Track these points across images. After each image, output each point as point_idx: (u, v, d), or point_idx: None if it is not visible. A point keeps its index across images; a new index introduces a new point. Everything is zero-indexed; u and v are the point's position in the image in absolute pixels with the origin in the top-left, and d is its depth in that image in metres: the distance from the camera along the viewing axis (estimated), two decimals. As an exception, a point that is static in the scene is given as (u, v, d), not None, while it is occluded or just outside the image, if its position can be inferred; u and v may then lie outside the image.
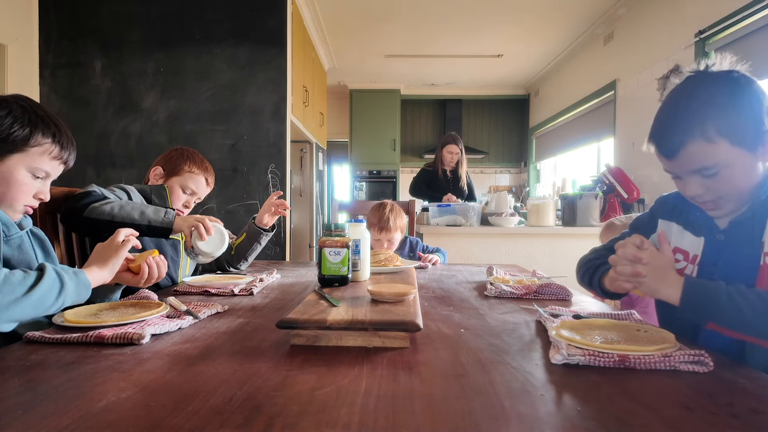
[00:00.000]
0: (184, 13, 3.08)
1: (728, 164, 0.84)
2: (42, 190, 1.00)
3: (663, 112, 0.91)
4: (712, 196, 0.88)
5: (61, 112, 3.05)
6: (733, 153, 0.84)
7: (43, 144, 0.96)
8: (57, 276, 0.86)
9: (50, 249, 1.10)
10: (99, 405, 0.56)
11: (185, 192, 1.60)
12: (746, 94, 0.85)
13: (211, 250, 1.36)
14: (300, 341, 0.81)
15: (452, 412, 0.55)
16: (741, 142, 0.83)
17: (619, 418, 0.54)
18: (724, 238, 0.91)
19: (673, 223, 1.01)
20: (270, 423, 0.52)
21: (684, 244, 0.98)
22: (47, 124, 0.97)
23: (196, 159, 1.63)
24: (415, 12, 4.16)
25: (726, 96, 0.85)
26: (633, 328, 0.84)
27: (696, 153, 0.85)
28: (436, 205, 3.31)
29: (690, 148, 0.85)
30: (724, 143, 0.83)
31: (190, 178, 1.60)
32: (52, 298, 0.84)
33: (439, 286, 1.46)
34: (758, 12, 2.58)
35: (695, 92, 0.88)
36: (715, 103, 0.84)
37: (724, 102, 0.84)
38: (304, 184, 4.55)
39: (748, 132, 0.83)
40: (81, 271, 0.93)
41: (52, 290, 0.84)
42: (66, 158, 1.01)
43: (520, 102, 6.80)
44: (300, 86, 3.70)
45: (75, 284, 0.89)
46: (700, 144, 0.84)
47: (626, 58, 3.98)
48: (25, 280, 0.81)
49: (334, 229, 1.24)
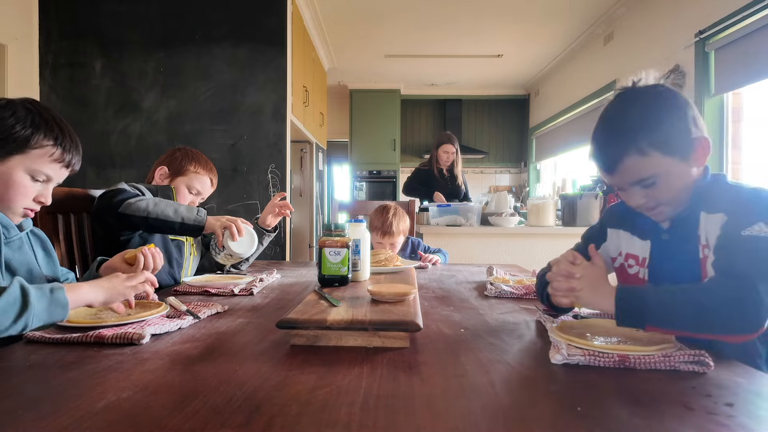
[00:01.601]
0: (184, 13, 3.08)
1: (663, 173, 0.90)
2: (43, 193, 0.98)
3: (598, 131, 0.96)
4: (653, 204, 0.94)
5: (61, 112, 3.02)
6: (667, 163, 0.89)
7: (44, 146, 0.94)
8: (21, 295, 0.77)
9: (51, 249, 1.10)
10: (99, 405, 0.56)
11: (191, 192, 1.61)
12: (672, 107, 0.91)
13: (242, 251, 1.38)
14: (300, 341, 0.81)
15: (452, 412, 0.55)
16: (672, 152, 0.89)
17: (619, 418, 0.54)
18: (668, 238, 0.96)
19: (622, 231, 1.06)
20: (270, 423, 0.52)
21: (635, 249, 1.02)
22: (50, 127, 0.95)
23: (200, 160, 1.64)
24: (416, 12, 4.16)
25: (653, 110, 0.90)
26: (633, 328, 0.84)
27: (632, 166, 0.90)
28: (436, 205, 3.31)
29: (626, 163, 0.90)
30: (656, 155, 0.88)
31: (196, 178, 1.61)
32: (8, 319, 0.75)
33: (439, 286, 1.46)
34: (758, 12, 2.58)
35: (625, 110, 0.94)
36: (644, 118, 0.90)
37: (652, 116, 0.90)
38: (304, 184, 4.55)
39: (677, 142, 0.89)
40: (60, 289, 0.82)
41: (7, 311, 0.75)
42: (69, 161, 0.99)
43: (520, 102, 6.80)
44: (300, 86, 3.70)
45: (46, 304, 0.79)
46: (635, 158, 0.89)
47: (626, 58, 3.98)
48: None
49: (334, 229, 1.24)
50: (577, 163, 5.45)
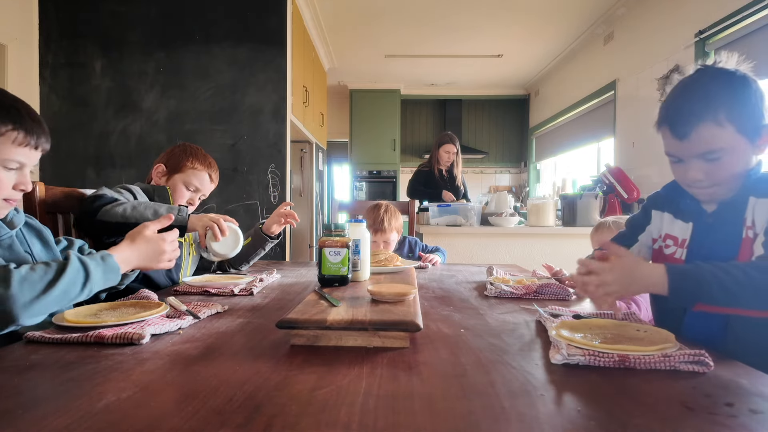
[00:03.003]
0: (184, 13, 3.08)
1: (731, 150, 0.91)
2: (20, 180, 0.94)
3: (677, 98, 0.97)
4: (709, 183, 0.94)
5: (61, 112, 3.05)
6: (737, 140, 0.90)
7: (4, 133, 0.88)
8: (81, 266, 0.85)
9: (49, 239, 1.08)
10: (99, 405, 0.56)
11: (189, 189, 1.58)
12: (752, 89, 0.92)
13: (225, 251, 1.36)
14: (300, 341, 0.81)
15: (452, 412, 0.55)
16: (744, 131, 0.90)
17: (619, 418, 0.54)
18: (712, 221, 0.98)
19: (666, 213, 1.08)
20: (270, 423, 0.52)
21: (674, 231, 1.04)
22: (6, 110, 0.89)
23: (198, 155, 1.61)
24: (416, 12, 4.16)
25: (735, 87, 0.92)
26: (633, 328, 0.84)
27: (705, 135, 0.91)
28: (436, 205, 3.31)
29: (701, 131, 0.91)
30: (730, 129, 0.90)
31: (193, 174, 1.58)
32: (77, 289, 0.84)
33: (439, 286, 1.46)
34: (758, 12, 2.58)
35: (708, 82, 0.95)
36: (726, 92, 0.92)
37: (734, 93, 0.91)
38: (304, 184, 4.55)
39: (751, 123, 0.91)
40: (109, 255, 0.91)
41: (76, 282, 0.83)
42: (36, 143, 0.93)
43: (520, 102, 6.80)
44: (300, 86, 3.70)
45: (102, 271, 0.88)
46: (711, 127, 0.90)
47: (626, 58, 3.98)
48: (46, 275, 0.80)
49: (334, 229, 1.23)
50: (577, 163, 5.45)
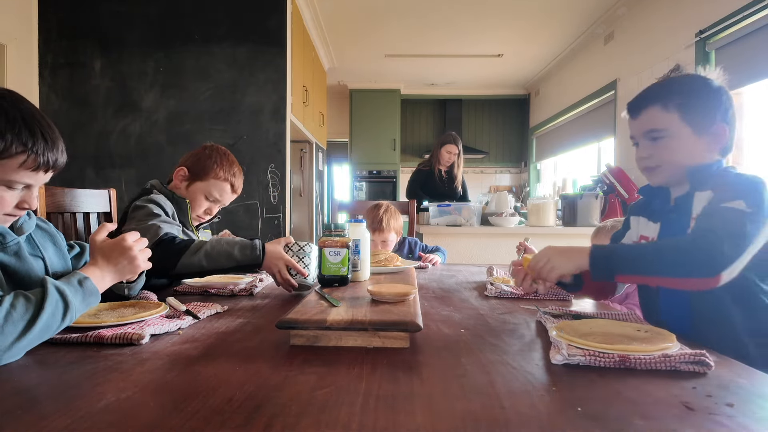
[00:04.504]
0: (183, 13, 3.08)
1: (673, 134, 1.01)
2: (25, 199, 0.89)
3: (643, 89, 1.10)
4: (654, 163, 1.05)
5: (61, 111, 3.05)
6: (680, 127, 1.01)
7: (14, 156, 0.82)
8: (60, 297, 0.80)
9: (62, 245, 1.06)
10: (99, 405, 0.56)
11: (208, 199, 1.54)
12: (710, 91, 1.02)
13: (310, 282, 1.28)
14: (300, 341, 0.81)
15: (452, 412, 0.55)
16: (689, 121, 1.00)
17: (619, 418, 0.54)
18: (673, 217, 1.05)
19: (641, 217, 1.16)
20: (270, 423, 0.52)
21: (647, 231, 1.12)
22: (18, 132, 0.82)
23: (224, 163, 1.54)
24: (416, 12, 4.16)
25: (692, 84, 1.04)
26: (633, 328, 0.84)
27: (651, 115, 1.03)
28: (436, 205, 3.30)
29: (649, 111, 1.04)
30: (675, 115, 1.01)
31: (215, 185, 1.53)
32: (57, 321, 0.79)
33: (439, 286, 1.46)
34: (758, 12, 2.58)
35: (672, 77, 1.09)
36: (682, 86, 1.04)
37: (689, 87, 1.03)
38: (304, 184, 4.55)
39: (697, 116, 1.00)
40: (86, 278, 0.87)
41: (56, 314, 0.79)
42: (48, 164, 0.87)
43: (520, 102, 6.80)
44: (300, 86, 3.70)
45: (81, 297, 0.84)
46: (657, 109, 1.02)
47: (627, 57, 3.98)
48: (26, 312, 0.75)
49: (333, 229, 1.23)
50: (577, 163, 5.45)
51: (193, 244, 1.26)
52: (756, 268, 0.92)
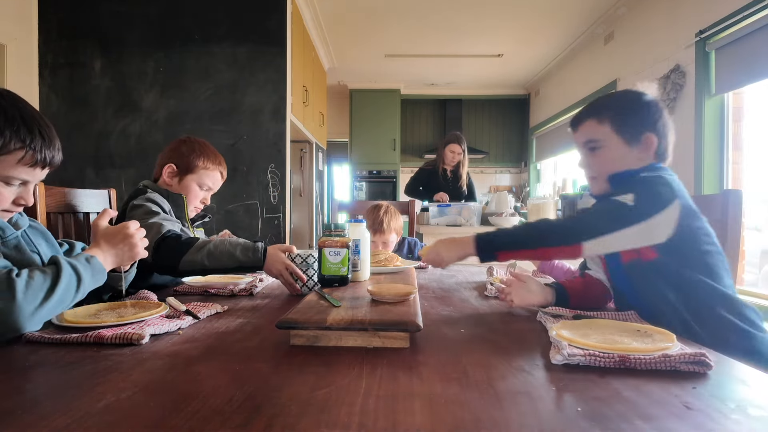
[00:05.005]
0: (184, 13, 3.08)
1: (607, 145, 1.11)
2: (22, 195, 0.92)
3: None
4: (591, 173, 1.16)
5: (61, 111, 3.05)
6: (613, 138, 1.11)
7: (12, 152, 0.85)
8: (73, 271, 0.85)
9: (53, 242, 1.09)
10: (99, 405, 0.56)
11: (202, 189, 1.57)
12: (642, 106, 1.12)
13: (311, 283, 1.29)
14: (300, 341, 0.81)
15: (452, 412, 0.55)
16: (621, 132, 1.10)
17: (619, 418, 0.54)
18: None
19: None
20: (270, 423, 0.52)
21: None
22: (16, 128, 0.85)
23: (209, 154, 1.57)
24: (416, 12, 4.16)
25: (625, 99, 1.16)
26: (633, 328, 0.84)
27: (588, 127, 1.14)
28: (436, 205, 3.31)
29: (586, 123, 1.15)
30: (608, 127, 1.11)
31: (206, 174, 1.56)
32: (72, 293, 0.85)
33: (439, 286, 1.46)
34: (758, 12, 2.58)
35: (609, 94, 1.20)
36: (616, 102, 1.15)
37: (623, 102, 1.15)
38: (304, 184, 4.55)
39: (628, 127, 1.10)
40: (92, 257, 0.92)
41: (70, 286, 0.84)
42: (45, 160, 0.90)
43: (520, 102, 6.80)
44: (300, 86, 3.70)
45: (91, 273, 0.89)
46: (593, 122, 1.14)
47: (627, 57, 3.98)
48: (44, 282, 0.81)
49: (333, 229, 1.23)
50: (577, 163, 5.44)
51: (197, 242, 1.27)
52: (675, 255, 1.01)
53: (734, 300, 1.01)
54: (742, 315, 0.99)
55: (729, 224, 1.32)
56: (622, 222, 0.95)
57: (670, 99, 3.24)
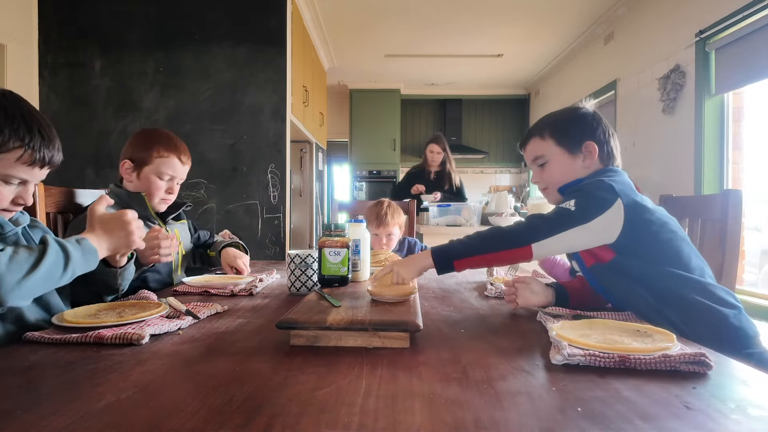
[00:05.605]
0: (184, 13, 3.08)
1: (552, 159, 1.19)
2: (21, 195, 0.92)
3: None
4: (543, 186, 1.24)
5: (61, 111, 3.05)
6: (556, 151, 1.19)
7: (11, 150, 0.86)
8: (60, 248, 0.84)
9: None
10: (99, 405, 0.56)
11: (162, 179, 1.47)
12: (579, 117, 1.20)
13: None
14: (300, 341, 0.81)
15: (452, 412, 0.55)
16: (562, 144, 1.18)
17: (619, 419, 0.54)
18: None
19: None
20: (270, 423, 0.52)
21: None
22: (15, 127, 0.86)
23: (162, 140, 1.48)
24: (416, 12, 4.16)
25: (563, 115, 1.23)
26: (633, 328, 0.84)
27: (533, 146, 1.23)
28: (437, 205, 3.30)
29: (531, 142, 1.23)
30: (551, 141, 1.19)
31: (162, 163, 1.46)
32: (60, 269, 0.84)
33: (439, 286, 1.46)
34: (758, 12, 2.58)
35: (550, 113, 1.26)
36: (556, 117, 1.23)
37: (562, 117, 1.22)
38: (304, 184, 4.55)
39: (568, 138, 1.17)
40: (83, 239, 0.91)
41: (57, 263, 0.83)
42: (44, 159, 0.91)
43: (520, 102, 6.80)
44: (300, 86, 3.70)
45: (81, 253, 0.88)
46: (537, 140, 1.22)
47: (627, 57, 3.98)
48: (30, 256, 0.80)
49: (333, 229, 1.24)
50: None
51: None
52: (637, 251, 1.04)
53: (702, 283, 1.03)
54: (714, 295, 1.01)
55: (729, 224, 1.32)
56: (564, 225, 1.01)
57: (670, 99, 3.24)
